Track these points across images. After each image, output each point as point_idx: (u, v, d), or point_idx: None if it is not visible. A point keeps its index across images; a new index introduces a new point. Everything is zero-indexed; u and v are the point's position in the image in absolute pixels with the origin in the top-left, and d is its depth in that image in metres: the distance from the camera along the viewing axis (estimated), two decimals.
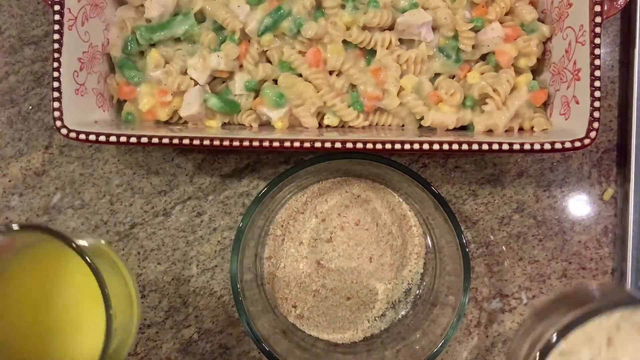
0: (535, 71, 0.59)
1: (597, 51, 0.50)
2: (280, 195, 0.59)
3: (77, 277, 0.44)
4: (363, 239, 0.60)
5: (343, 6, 0.57)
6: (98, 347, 0.40)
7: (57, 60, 0.52)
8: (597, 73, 0.50)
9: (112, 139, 0.52)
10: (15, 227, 0.40)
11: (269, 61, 0.58)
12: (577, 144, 0.50)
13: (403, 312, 0.60)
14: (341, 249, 0.60)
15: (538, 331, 0.41)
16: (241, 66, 0.58)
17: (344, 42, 0.57)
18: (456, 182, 0.62)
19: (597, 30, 0.50)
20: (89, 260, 0.40)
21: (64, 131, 0.52)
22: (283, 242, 0.60)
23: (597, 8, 0.51)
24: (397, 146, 0.51)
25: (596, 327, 0.39)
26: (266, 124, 0.59)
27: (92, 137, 0.52)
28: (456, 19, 0.56)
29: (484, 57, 0.58)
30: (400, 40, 0.57)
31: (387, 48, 0.57)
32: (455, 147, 0.51)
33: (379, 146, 0.51)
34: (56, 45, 0.52)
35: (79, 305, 0.44)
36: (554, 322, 0.40)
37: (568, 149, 0.50)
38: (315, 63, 0.56)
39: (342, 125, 0.59)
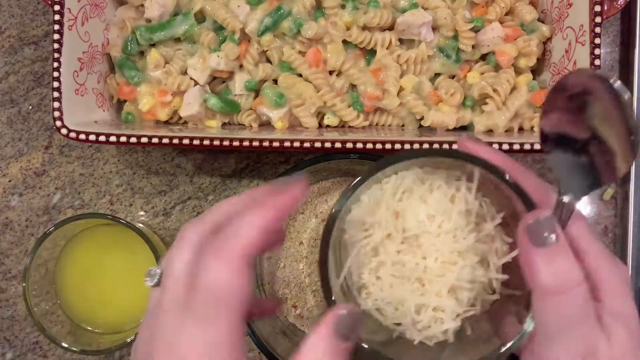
0: (535, 71, 0.59)
1: (597, 51, 0.50)
2: None
3: (129, 246, 0.58)
4: None
5: (343, 6, 0.57)
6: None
7: (57, 60, 0.52)
8: None
9: (112, 139, 0.52)
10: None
11: (269, 61, 0.58)
12: None
13: None
14: None
15: None
16: (241, 66, 0.58)
17: (344, 42, 0.57)
18: None
19: (597, 30, 0.50)
20: (146, 235, 0.55)
21: (64, 131, 0.52)
22: (283, 242, 0.60)
23: (597, 8, 0.51)
24: (397, 146, 0.51)
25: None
26: (266, 124, 0.59)
27: (92, 137, 0.52)
28: (456, 19, 0.56)
29: (484, 57, 0.58)
30: (400, 40, 0.57)
31: (387, 48, 0.57)
32: (455, 147, 0.50)
33: (379, 146, 0.51)
34: (56, 45, 0.52)
35: (131, 266, 0.59)
36: None
37: None
38: (315, 63, 0.56)
39: (342, 125, 0.59)
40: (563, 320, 0.31)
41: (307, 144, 0.51)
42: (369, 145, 0.51)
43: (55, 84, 0.52)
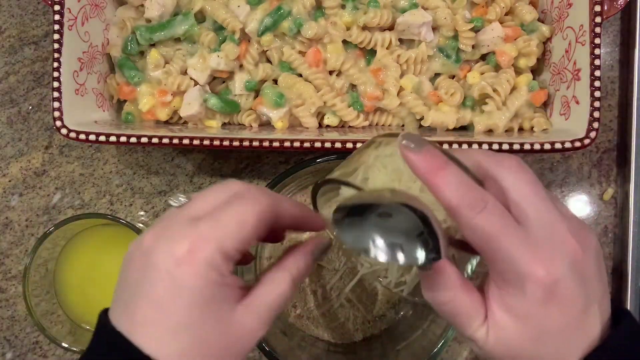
0: (535, 71, 0.59)
1: (597, 51, 0.50)
2: None
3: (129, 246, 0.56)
4: None
5: (343, 6, 0.57)
6: None
7: (57, 60, 0.52)
8: (597, 73, 0.50)
9: (112, 139, 0.52)
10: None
11: (269, 61, 0.58)
12: (577, 144, 0.50)
13: (403, 312, 0.60)
14: (341, 249, 0.60)
15: None
16: (241, 66, 0.58)
17: (344, 42, 0.57)
18: None
19: (597, 30, 0.50)
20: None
21: (64, 131, 0.52)
22: (283, 242, 0.60)
23: (597, 8, 0.51)
24: None
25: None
26: (266, 124, 0.59)
27: (92, 137, 0.52)
28: (456, 19, 0.56)
29: (484, 57, 0.58)
30: (400, 40, 0.57)
31: (387, 48, 0.57)
32: (455, 147, 0.51)
33: None
34: (56, 45, 0.52)
35: None
36: None
37: (568, 149, 0.50)
38: (315, 63, 0.56)
39: (342, 125, 0.59)
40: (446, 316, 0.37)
41: (307, 144, 0.51)
42: None
43: (55, 84, 0.52)
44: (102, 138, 0.52)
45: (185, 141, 0.52)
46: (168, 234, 0.35)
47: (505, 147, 0.51)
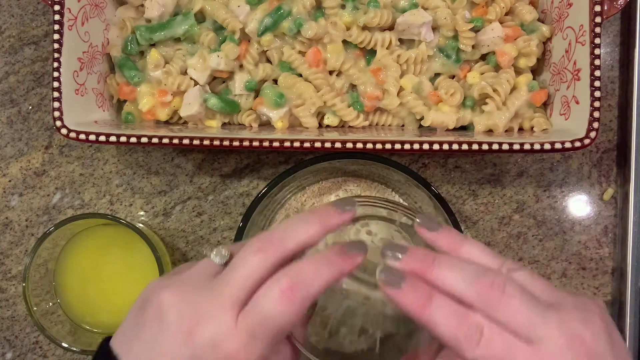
0: (535, 71, 0.59)
1: (597, 51, 0.50)
2: (280, 195, 0.59)
3: (129, 246, 0.58)
4: None
5: (343, 6, 0.57)
6: None
7: (57, 60, 0.52)
8: (597, 73, 0.50)
9: (112, 139, 0.52)
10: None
11: (269, 61, 0.58)
12: (577, 144, 0.50)
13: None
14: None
15: None
16: (241, 66, 0.58)
17: (344, 42, 0.57)
18: (456, 182, 0.62)
19: (597, 30, 0.50)
20: (146, 235, 0.55)
21: (64, 131, 0.52)
22: None
23: (597, 8, 0.51)
24: (397, 146, 0.51)
25: None
26: (266, 124, 0.59)
27: (92, 137, 0.52)
28: (456, 19, 0.56)
29: (484, 57, 0.58)
30: (400, 40, 0.57)
31: (387, 48, 0.57)
32: (455, 147, 0.51)
33: (379, 146, 0.51)
34: (56, 45, 0.52)
35: (131, 266, 0.59)
36: None
37: (568, 149, 0.50)
38: (315, 63, 0.56)
39: (342, 125, 0.59)
40: None
41: (307, 144, 0.51)
42: (369, 145, 0.51)
43: (55, 84, 0.52)
44: (102, 138, 0.52)
45: (185, 141, 0.52)
46: (211, 315, 0.33)
47: (505, 147, 0.51)
